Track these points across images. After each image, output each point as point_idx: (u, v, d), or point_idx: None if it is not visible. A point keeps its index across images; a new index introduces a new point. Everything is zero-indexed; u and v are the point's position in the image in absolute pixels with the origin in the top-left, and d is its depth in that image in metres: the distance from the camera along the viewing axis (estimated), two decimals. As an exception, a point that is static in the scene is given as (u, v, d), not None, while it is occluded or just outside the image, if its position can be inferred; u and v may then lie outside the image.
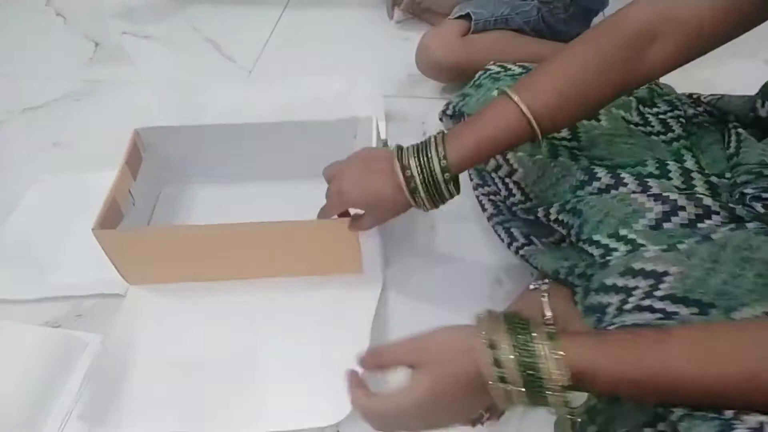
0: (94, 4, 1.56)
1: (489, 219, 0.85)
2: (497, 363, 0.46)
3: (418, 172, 0.65)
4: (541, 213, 0.74)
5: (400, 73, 1.26)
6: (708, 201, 0.62)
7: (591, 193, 0.68)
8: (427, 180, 0.66)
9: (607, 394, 0.52)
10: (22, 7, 1.55)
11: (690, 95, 0.81)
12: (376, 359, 0.56)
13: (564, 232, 0.71)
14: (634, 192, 0.65)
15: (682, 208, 0.62)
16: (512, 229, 0.82)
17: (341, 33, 1.40)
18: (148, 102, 1.22)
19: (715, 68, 1.09)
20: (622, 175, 0.67)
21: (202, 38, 1.41)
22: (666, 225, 0.62)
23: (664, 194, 0.63)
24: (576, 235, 0.67)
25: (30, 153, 1.13)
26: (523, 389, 0.46)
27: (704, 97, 0.79)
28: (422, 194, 0.66)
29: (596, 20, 1.27)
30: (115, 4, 1.55)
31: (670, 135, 0.74)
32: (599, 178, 0.68)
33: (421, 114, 1.16)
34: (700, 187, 0.66)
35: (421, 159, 0.65)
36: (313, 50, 1.35)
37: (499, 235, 0.83)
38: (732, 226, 0.60)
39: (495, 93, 0.79)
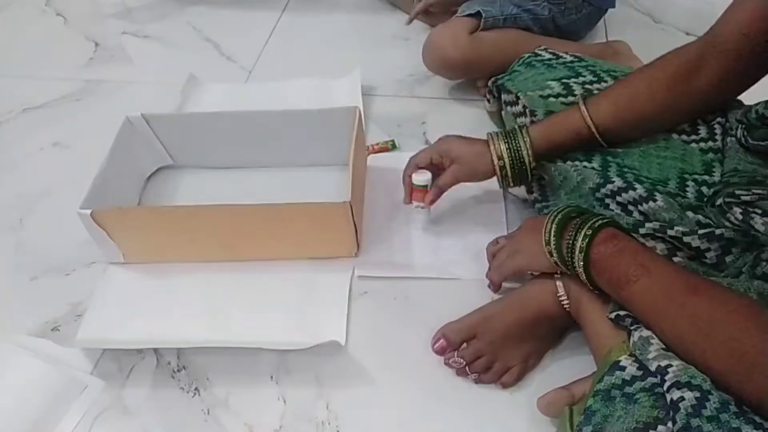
0: (94, 4, 1.56)
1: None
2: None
3: (507, 156, 0.81)
4: None
5: (401, 73, 1.26)
6: (696, 242, 0.67)
7: (605, 195, 0.76)
8: (515, 164, 0.81)
9: None
10: (22, 7, 1.54)
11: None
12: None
13: None
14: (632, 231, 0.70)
15: (678, 249, 0.69)
16: None
17: (341, 33, 1.40)
18: (148, 102, 1.22)
19: None
20: (634, 184, 0.74)
21: (202, 38, 1.41)
22: None
23: (658, 235, 0.69)
24: None
25: (30, 153, 1.13)
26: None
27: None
28: (509, 174, 0.82)
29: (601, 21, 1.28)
30: (115, 4, 1.54)
31: (710, 143, 0.79)
32: (613, 181, 0.75)
33: (421, 114, 1.16)
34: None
35: (511, 145, 0.81)
36: (313, 50, 1.35)
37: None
38: None
39: (552, 83, 0.88)
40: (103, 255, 0.90)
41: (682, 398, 0.53)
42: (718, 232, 0.66)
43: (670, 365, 0.56)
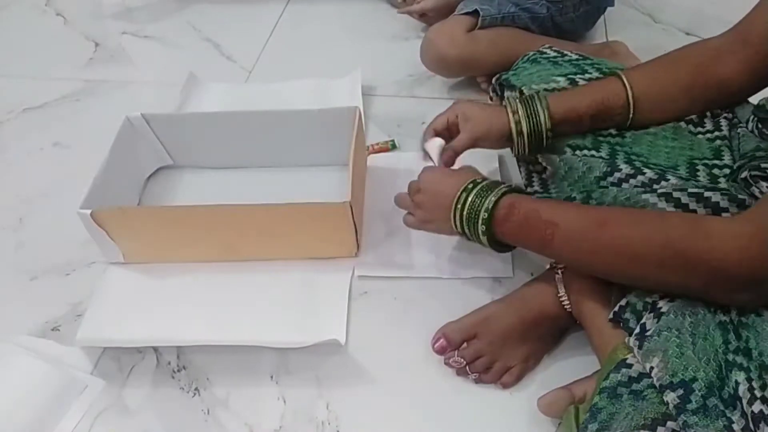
0: (94, 4, 1.56)
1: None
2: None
3: (526, 120, 0.77)
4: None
5: (400, 73, 1.26)
6: (717, 197, 0.65)
7: (612, 184, 0.74)
8: (531, 125, 0.77)
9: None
10: (22, 7, 1.54)
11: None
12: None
13: None
14: (645, 191, 0.68)
15: (693, 211, 0.66)
16: None
17: (341, 33, 1.40)
18: (148, 102, 1.22)
19: None
20: (642, 169, 0.73)
21: (202, 38, 1.41)
22: None
23: (675, 194, 0.66)
24: None
25: (30, 153, 1.13)
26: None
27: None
28: (525, 139, 0.78)
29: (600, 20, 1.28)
30: (115, 4, 1.54)
31: (716, 133, 0.79)
32: (620, 169, 0.74)
33: (421, 114, 1.15)
34: (723, 183, 0.72)
35: (528, 110, 0.77)
36: (312, 50, 1.35)
37: None
38: None
39: (559, 78, 0.85)
40: (103, 255, 0.90)
41: (668, 402, 0.54)
42: (741, 196, 0.65)
43: (652, 367, 0.57)
